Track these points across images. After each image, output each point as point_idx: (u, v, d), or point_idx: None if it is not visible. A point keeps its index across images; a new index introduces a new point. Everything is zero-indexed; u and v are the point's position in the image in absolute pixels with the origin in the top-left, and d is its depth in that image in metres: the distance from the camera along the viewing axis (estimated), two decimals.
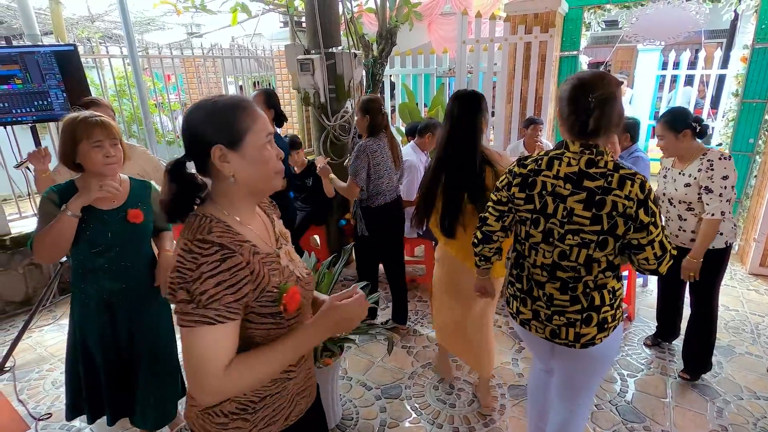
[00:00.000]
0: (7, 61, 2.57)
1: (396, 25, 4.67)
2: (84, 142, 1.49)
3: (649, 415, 2.16)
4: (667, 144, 2.15)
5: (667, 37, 4.50)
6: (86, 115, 1.50)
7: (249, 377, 0.85)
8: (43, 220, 1.52)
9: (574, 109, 1.29)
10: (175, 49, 4.77)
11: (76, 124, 1.48)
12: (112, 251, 1.60)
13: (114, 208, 1.60)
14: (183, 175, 0.91)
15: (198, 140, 0.88)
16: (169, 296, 0.84)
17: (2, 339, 3.00)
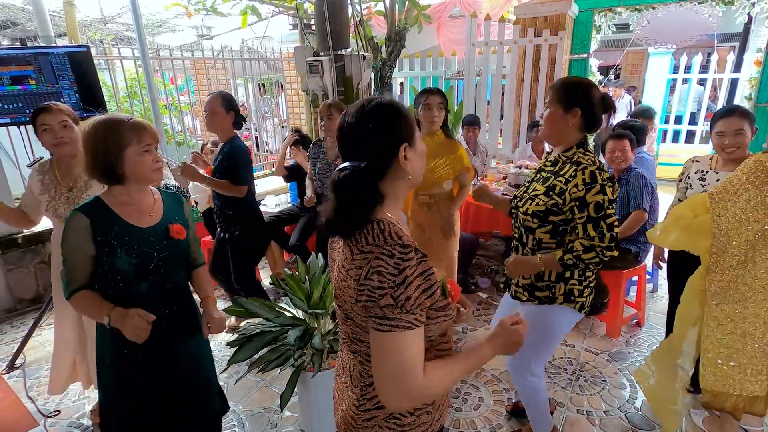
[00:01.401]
0: (21, 61, 2.61)
1: (405, 28, 4.68)
2: (133, 147, 1.29)
3: (659, 422, 2.12)
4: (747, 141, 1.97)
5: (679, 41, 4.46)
6: (124, 116, 1.32)
7: (446, 381, 0.90)
8: (72, 254, 1.29)
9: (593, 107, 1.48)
10: (186, 51, 4.81)
11: (122, 126, 1.28)
12: (157, 273, 1.38)
13: (153, 225, 1.39)
14: (366, 181, 0.89)
15: (387, 141, 0.89)
16: (368, 303, 0.84)
17: (13, 336, 3.03)
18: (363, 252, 0.86)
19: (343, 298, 0.91)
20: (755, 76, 3.80)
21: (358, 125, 0.89)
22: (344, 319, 0.96)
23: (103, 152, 1.26)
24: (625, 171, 2.70)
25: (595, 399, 2.28)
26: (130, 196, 1.36)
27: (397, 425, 0.97)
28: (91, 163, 1.29)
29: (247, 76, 5.10)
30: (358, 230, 0.88)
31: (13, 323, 3.21)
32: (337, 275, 0.94)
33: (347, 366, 1.03)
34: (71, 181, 1.94)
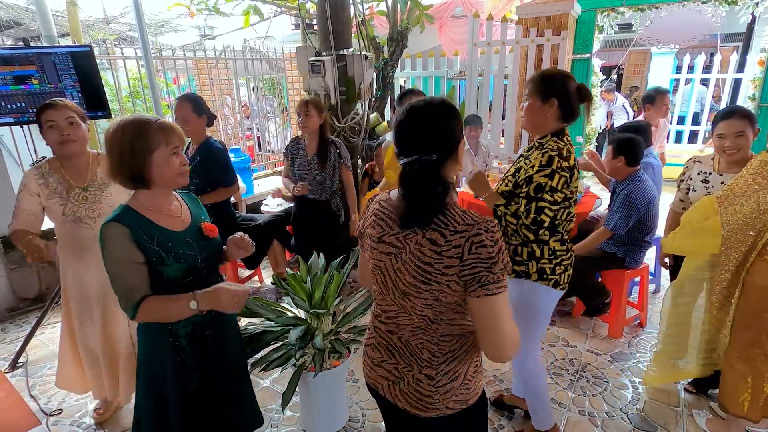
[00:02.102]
0: (24, 61, 2.62)
1: (407, 28, 4.68)
2: (161, 150, 1.23)
3: (660, 423, 2.12)
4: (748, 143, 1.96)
5: (682, 41, 4.45)
6: (151, 117, 1.26)
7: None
8: (121, 266, 1.21)
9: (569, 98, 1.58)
10: (188, 51, 4.82)
11: (150, 127, 1.22)
12: (201, 275, 1.35)
13: (187, 227, 1.36)
14: (439, 172, 1.01)
15: (453, 137, 1.03)
16: (479, 274, 0.95)
17: (15, 335, 3.04)
18: (458, 232, 0.97)
19: (427, 283, 1.01)
20: (759, 76, 3.79)
21: (429, 121, 1.01)
22: (425, 306, 1.04)
23: (130, 155, 1.20)
24: (622, 182, 2.65)
25: (597, 400, 2.28)
26: (156, 201, 1.30)
27: (467, 389, 1.10)
28: (116, 166, 1.22)
29: (249, 76, 5.10)
30: (439, 216, 0.99)
31: (15, 322, 3.23)
32: (414, 264, 1.02)
33: (403, 352, 1.12)
34: (85, 180, 1.87)
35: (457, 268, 0.97)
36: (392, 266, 1.06)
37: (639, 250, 2.68)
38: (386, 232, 1.08)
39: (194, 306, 1.22)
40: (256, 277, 3.79)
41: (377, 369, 1.18)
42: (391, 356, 1.14)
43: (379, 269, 1.10)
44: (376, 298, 1.18)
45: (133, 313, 1.22)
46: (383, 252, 1.08)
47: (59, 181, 1.83)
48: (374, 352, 1.19)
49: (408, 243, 1.03)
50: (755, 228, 1.61)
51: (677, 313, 1.99)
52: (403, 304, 1.08)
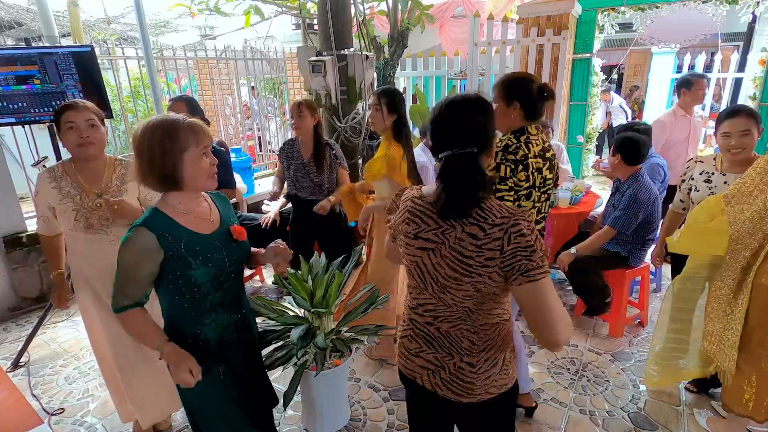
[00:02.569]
0: (26, 61, 2.62)
1: (407, 28, 4.68)
2: (191, 150, 1.19)
3: (662, 422, 2.12)
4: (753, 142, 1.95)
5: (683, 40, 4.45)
6: (179, 117, 1.22)
7: None
8: (130, 269, 1.20)
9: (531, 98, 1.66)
10: (189, 51, 4.83)
11: (180, 128, 1.18)
12: (229, 279, 1.33)
13: (215, 230, 1.32)
14: (479, 165, 1.06)
15: (490, 131, 1.08)
16: (520, 262, 0.99)
17: (17, 335, 3.05)
18: (497, 225, 1.01)
19: (468, 276, 1.05)
20: (760, 75, 3.79)
21: (469, 115, 1.06)
22: (465, 297, 1.08)
23: (161, 157, 1.16)
24: (627, 179, 2.65)
25: (598, 399, 2.28)
26: (187, 203, 1.27)
27: (506, 374, 1.16)
28: (146, 169, 1.19)
29: (250, 76, 5.11)
30: (477, 211, 1.03)
31: (17, 321, 3.23)
32: (455, 258, 1.05)
33: (443, 342, 1.15)
34: (100, 185, 1.77)
35: (499, 259, 1.01)
36: (430, 261, 1.10)
37: (642, 249, 2.69)
38: (422, 228, 1.11)
39: (158, 350, 1.24)
40: (257, 276, 3.80)
41: (415, 359, 1.21)
42: (430, 346, 1.18)
43: (416, 264, 1.14)
44: (412, 292, 1.21)
45: (119, 311, 1.24)
46: (420, 248, 1.12)
47: (72, 185, 1.74)
48: (411, 344, 1.22)
49: (447, 238, 1.06)
50: (762, 230, 1.60)
51: (678, 311, 1.98)
52: (442, 297, 1.11)
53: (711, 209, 1.77)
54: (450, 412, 1.23)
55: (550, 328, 1.01)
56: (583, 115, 4.93)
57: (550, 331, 1.02)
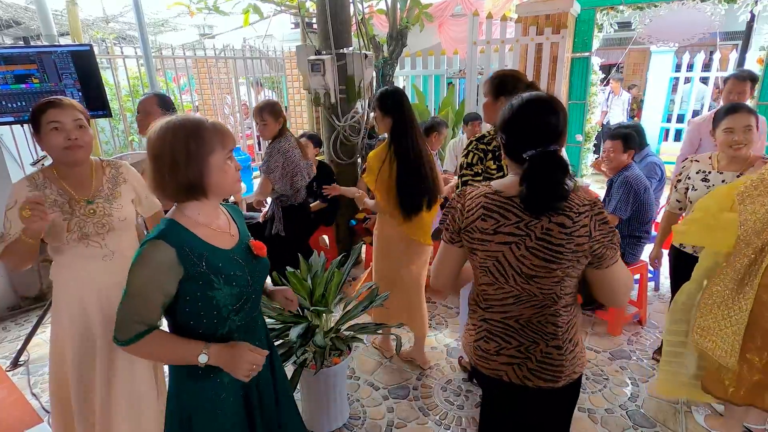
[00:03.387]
0: (24, 60, 2.62)
1: (407, 27, 4.68)
2: (217, 154, 1.07)
3: (660, 420, 2.13)
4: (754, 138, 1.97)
5: (681, 39, 4.46)
6: (201, 117, 1.09)
7: None
8: (146, 289, 1.04)
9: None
10: (188, 50, 4.83)
11: (205, 129, 1.05)
12: (249, 300, 1.17)
13: (236, 245, 1.18)
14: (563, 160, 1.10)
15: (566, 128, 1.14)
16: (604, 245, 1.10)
17: (17, 334, 3.05)
18: (582, 213, 1.09)
19: (557, 262, 1.10)
20: (758, 74, 3.79)
21: (551, 115, 1.10)
22: (553, 284, 1.14)
23: (186, 160, 1.02)
24: (618, 173, 2.68)
25: (597, 397, 2.29)
26: (207, 215, 1.13)
27: (583, 351, 1.26)
28: (167, 174, 1.03)
29: (249, 75, 5.11)
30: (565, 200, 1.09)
31: (16, 321, 3.23)
32: (543, 248, 1.11)
33: (525, 332, 1.20)
34: (89, 191, 1.58)
35: (588, 244, 1.09)
36: (512, 254, 1.13)
37: (637, 244, 2.69)
38: (502, 223, 1.13)
39: (203, 360, 1.06)
40: None
41: (497, 358, 1.23)
42: (511, 340, 1.21)
43: (496, 259, 1.16)
44: (487, 289, 1.21)
45: (129, 342, 1.05)
46: (500, 242, 1.14)
47: (58, 193, 1.53)
48: (489, 344, 1.24)
49: (532, 230, 1.11)
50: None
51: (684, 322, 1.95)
52: (526, 288, 1.15)
53: (721, 199, 1.75)
54: (536, 403, 1.26)
55: (620, 302, 1.21)
56: (582, 114, 4.94)
57: (623, 300, 1.21)
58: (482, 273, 1.20)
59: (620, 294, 1.18)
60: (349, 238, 3.85)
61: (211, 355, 1.06)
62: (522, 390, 1.22)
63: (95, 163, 1.64)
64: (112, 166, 1.68)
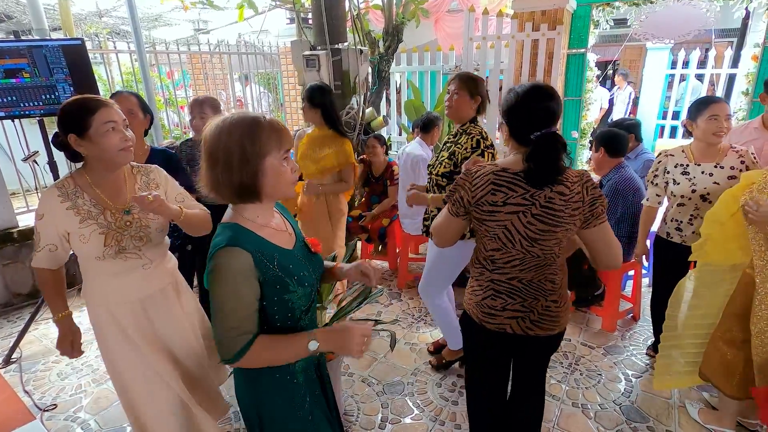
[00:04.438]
0: (15, 54, 2.58)
1: (402, 22, 4.66)
2: (274, 154, 1.00)
3: (653, 415, 2.14)
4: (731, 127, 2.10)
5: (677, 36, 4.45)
6: (257, 115, 1.03)
7: None
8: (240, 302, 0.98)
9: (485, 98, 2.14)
10: (182, 45, 4.78)
11: (261, 127, 0.99)
12: (314, 300, 1.17)
13: (296, 244, 1.15)
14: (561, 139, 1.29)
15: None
16: (596, 210, 1.31)
17: (9, 331, 3.03)
18: (575, 182, 1.30)
19: (559, 225, 1.31)
20: (752, 71, 3.79)
21: (552, 101, 1.30)
22: (554, 245, 1.34)
23: (240, 162, 0.97)
24: (607, 175, 2.68)
25: (591, 392, 2.30)
26: (264, 216, 1.08)
27: (569, 303, 1.51)
28: (222, 176, 0.98)
29: (244, 70, 5.07)
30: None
31: (9, 318, 3.21)
32: (547, 214, 1.30)
33: (527, 291, 1.39)
34: (125, 199, 1.44)
35: (582, 208, 1.30)
36: (520, 221, 1.32)
37: (630, 243, 2.70)
38: (510, 195, 1.31)
39: (313, 347, 1.01)
40: None
41: (502, 313, 1.42)
42: (516, 297, 1.40)
43: (504, 227, 1.34)
44: (494, 254, 1.40)
45: (238, 358, 0.98)
46: (509, 212, 1.32)
47: (92, 203, 1.39)
48: (495, 301, 1.42)
49: (537, 199, 1.30)
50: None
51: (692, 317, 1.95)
52: (530, 250, 1.35)
53: (728, 205, 1.76)
54: (531, 349, 1.49)
55: (614, 258, 1.35)
56: (577, 111, 4.94)
57: (614, 260, 1.36)
58: (491, 240, 1.38)
59: (615, 248, 1.35)
60: (345, 235, 3.84)
61: (320, 341, 1.02)
62: (522, 340, 1.43)
63: (126, 168, 1.51)
64: (143, 172, 1.55)
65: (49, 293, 1.50)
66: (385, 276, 3.75)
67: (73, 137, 1.34)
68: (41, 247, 1.40)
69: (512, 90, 1.35)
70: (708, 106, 2.02)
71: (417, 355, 2.65)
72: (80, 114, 1.32)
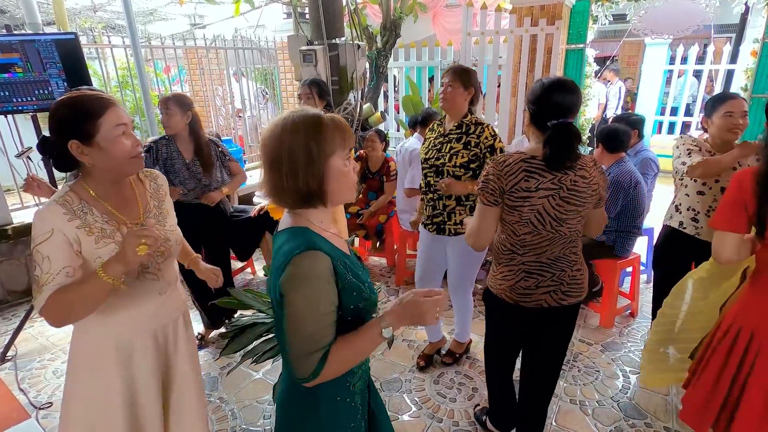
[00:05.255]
0: (7, 49, 2.55)
1: (400, 17, 4.63)
2: (338, 154, 0.94)
3: (651, 412, 2.14)
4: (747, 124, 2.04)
5: (676, 31, 4.44)
6: (318, 111, 0.96)
7: None
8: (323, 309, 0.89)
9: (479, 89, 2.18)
10: (178, 40, 4.74)
11: (326, 126, 0.92)
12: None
13: (349, 248, 1.10)
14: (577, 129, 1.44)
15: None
16: (604, 189, 1.54)
17: (4, 328, 3.01)
18: (591, 167, 1.49)
19: (582, 206, 1.48)
20: (751, 66, 3.78)
21: (572, 94, 1.42)
22: (578, 222, 1.51)
23: (307, 164, 0.89)
24: (609, 168, 2.67)
25: (589, 389, 2.30)
26: (327, 222, 1.01)
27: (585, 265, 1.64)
28: (286, 182, 0.91)
29: (240, 66, 5.03)
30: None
31: (4, 315, 3.19)
32: (574, 196, 1.45)
33: (555, 265, 1.53)
34: (137, 212, 1.26)
35: (598, 189, 1.50)
36: (550, 204, 1.44)
37: (628, 238, 2.69)
38: (541, 181, 1.43)
39: (389, 334, 0.92)
40: (249, 268, 3.77)
41: (536, 291, 1.54)
42: (545, 274, 1.53)
43: (536, 211, 1.45)
44: (526, 237, 1.50)
45: (314, 376, 0.89)
46: (541, 197, 1.44)
47: (104, 219, 1.17)
48: (528, 281, 1.54)
49: (564, 183, 1.44)
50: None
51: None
52: (559, 230, 1.48)
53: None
54: (566, 316, 1.62)
55: (601, 230, 1.66)
56: None
57: (600, 231, 1.66)
58: (523, 225, 1.48)
59: (603, 222, 1.64)
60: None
61: (391, 324, 0.93)
62: (555, 311, 1.56)
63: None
64: (151, 178, 1.36)
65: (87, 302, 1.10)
66: (382, 273, 3.74)
67: (76, 144, 1.10)
68: (55, 273, 1.08)
69: (539, 81, 1.47)
70: (723, 103, 1.98)
71: (415, 353, 2.64)
72: (86, 116, 1.10)
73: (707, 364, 1.53)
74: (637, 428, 2.05)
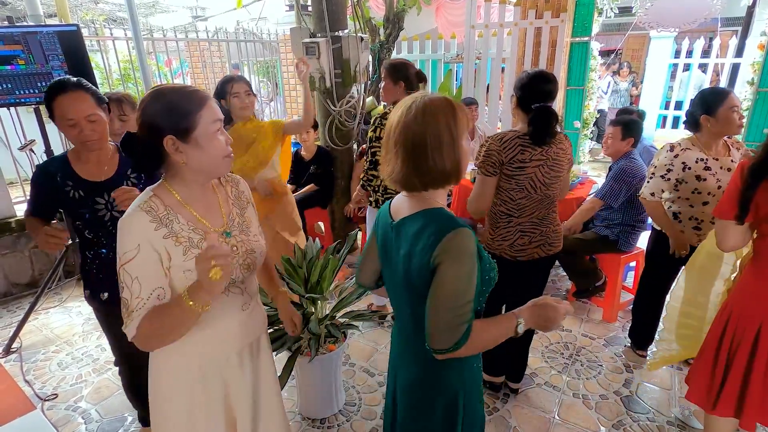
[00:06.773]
0: (9, 40, 2.54)
1: (403, 9, 4.59)
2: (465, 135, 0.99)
3: (653, 406, 2.14)
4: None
5: (682, 24, 4.39)
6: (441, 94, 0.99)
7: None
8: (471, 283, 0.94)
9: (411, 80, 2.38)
10: (180, 32, 4.71)
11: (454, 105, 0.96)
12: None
13: None
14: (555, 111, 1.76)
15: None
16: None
17: (9, 320, 3.02)
18: (564, 140, 1.85)
19: (562, 172, 1.83)
20: (758, 60, 3.75)
21: (548, 83, 1.74)
22: (556, 186, 1.84)
23: (449, 145, 0.94)
24: (617, 160, 2.64)
25: (591, 383, 2.30)
26: (444, 201, 1.06)
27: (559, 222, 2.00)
28: (432, 163, 0.94)
29: (242, 58, 5.00)
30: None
31: (8, 308, 3.20)
32: (557, 164, 1.80)
33: (541, 223, 1.87)
34: (222, 218, 1.13)
35: (570, 158, 1.87)
36: (540, 172, 1.76)
37: (632, 232, 2.67)
38: (533, 154, 1.75)
39: (522, 329, 0.98)
40: None
41: (530, 246, 1.87)
42: (535, 231, 1.85)
43: (530, 178, 1.77)
44: (521, 201, 1.81)
45: (456, 347, 0.93)
46: (533, 166, 1.75)
47: (190, 228, 1.05)
48: (524, 239, 1.86)
49: (549, 155, 1.77)
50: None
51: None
52: (546, 193, 1.81)
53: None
54: (545, 265, 1.97)
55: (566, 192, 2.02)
56: (580, 100, 4.89)
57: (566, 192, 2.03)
58: (519, 191, 1.79)
59: (567, 187, 1.99)
60: (345, 225, 3.83)
61: (525, 320, 0.99)
62: (543, 261, 1.90)
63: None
64: (232, 183, 1.22)
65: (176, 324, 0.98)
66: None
67: (172, 140, 0.97)
68: (146, 298, 0.97)
69: (524, 71, 1.79)
70: (727, 97, 1.92)
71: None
72: (184, 110, 0.97)
73: (707, 347, 1.62)
74: (640, 422, 2.05)
